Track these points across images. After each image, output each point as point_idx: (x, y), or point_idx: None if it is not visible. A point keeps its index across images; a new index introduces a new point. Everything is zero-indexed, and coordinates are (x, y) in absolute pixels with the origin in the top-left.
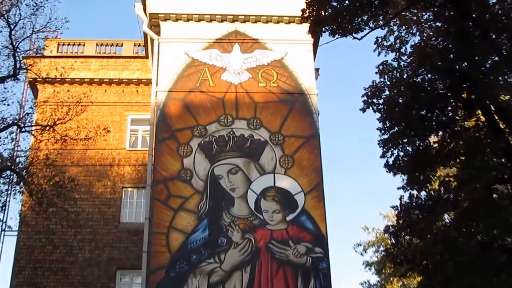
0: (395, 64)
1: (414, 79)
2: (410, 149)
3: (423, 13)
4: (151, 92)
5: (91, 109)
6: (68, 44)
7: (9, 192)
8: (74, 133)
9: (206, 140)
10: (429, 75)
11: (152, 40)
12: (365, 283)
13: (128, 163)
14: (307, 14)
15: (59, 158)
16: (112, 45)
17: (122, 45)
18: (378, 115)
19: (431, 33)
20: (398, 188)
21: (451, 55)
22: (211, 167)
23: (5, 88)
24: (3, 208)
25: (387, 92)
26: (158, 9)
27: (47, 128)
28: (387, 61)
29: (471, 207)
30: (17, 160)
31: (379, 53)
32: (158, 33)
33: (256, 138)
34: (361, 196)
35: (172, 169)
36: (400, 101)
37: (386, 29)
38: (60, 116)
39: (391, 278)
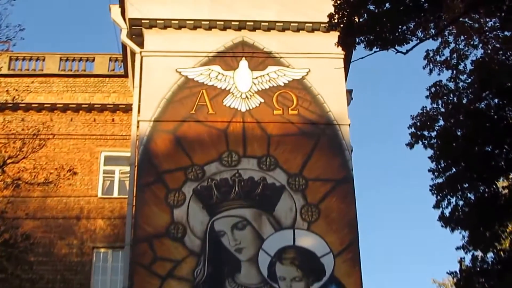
0: (451, 85)
1: (477, 105)
2: (473, 197)
3: (487, 20)
4: (131, 122)
5: (52, 144)
6: (23, 59)
7: None
8: (30, 176)
9: (204, 185)
10: (496, 100)
11: (133, 53)
12: None
13: (100, 215)
14: (336, 20)
15: (10, 209)
16: (80, 60)
17: (93, 60)
18: (430, 151)
19: (497, 45)
20: (457, 248)
21: None
22: (210, 221)
23: None
24: None
25: (441, 122)
26: (140, 13)
27: None
28: (440, 81)
29: None
30: None
31: (431, 71)
32: (140, 44)
33: (269, 182)
34: (408, 259)
35: (159, 223)
36: (459, 133)
37: (439, 39)
38: (12, 154)
39: None
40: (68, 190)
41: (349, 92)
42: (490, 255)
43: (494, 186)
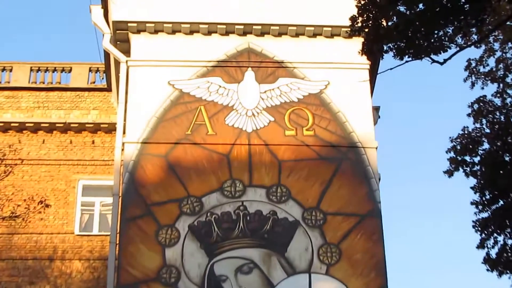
0: (497, 101)
1: None
2: None
3: None
4: (114, 145)
5: (20, 171)
6: None
7: None
8: None
9: (202, 220)
10: None
11: (117, 63)
12: None
13: (78, 256)
14: (360, 24)
15: None
16: (55, 70)
17: (70, 71)
18: (472, 180)
19: None
20: None
21: None
22: (209, 263)
23: None
24: None
25: (486, 146)
26: (127, 15)
27: None
28: (485, 96)
29: None
30: None
31: (473, 84)
32: (126, 52)
33: (281, 216)
34: None
35: (147, 265)
36: (507, 159)
37: (483, 47)
38: None
39: None
40: (39, 225)
41: (376, 109)
42: None
43: None
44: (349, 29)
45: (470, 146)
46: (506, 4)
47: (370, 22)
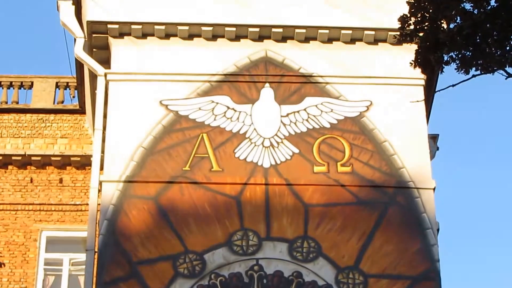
0: None
1: None
2: None
3: None
4: (89, 184)
5: None
6: None
7: None
8: None
9: (204, 283)
10: None
11: (93, 76)
12: None
13: None
14: (413, 25)
15: None
16: (11, 86)
17: (31, 87)
18: None
19: None
20: None
21: None
22: None
23: None
24: None
25: None
26: (106, 14)
27: None
28: None
29: None
30: None
31: None
32: (105, 62)
33: (308, 280)
34: None
35: None
36: None
37: None
38: None
39: None
40: None
41: (433, 138)
42: None
43: None
44: (398, 32)
45: None
46: None
47: (426, 23)
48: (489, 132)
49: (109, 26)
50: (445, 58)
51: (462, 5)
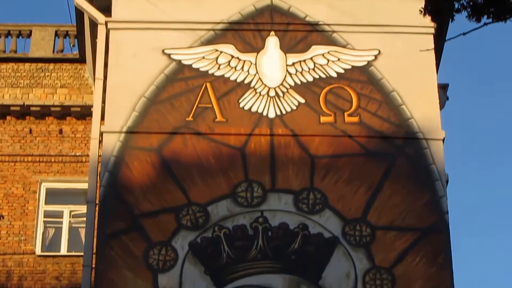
0: None
1: None
2: None
3: None
4: (89, 135)
5: None
6: None
7: None
8: None
9: (208, 236)
10: None
11: (94, 24)
12: None
13: (40, 284)
14: None
15: None
16: (8, 35)
17: (29, 35)
18: None
19: None
20: None
21: None
22: None
23: None
24: None
25: None
26: None
27: None
28: None
29: None
30: None
31: None
32: (106, 10)
33: (313, 232)
34: None
35: None
36: None
37: None
38: None
39: None
40: None
41: (443, 87)
42: None
43: None
44: None
45: None
46: None
47: None
48: (500, 81)
49: None
50: (456, 5)
51: None
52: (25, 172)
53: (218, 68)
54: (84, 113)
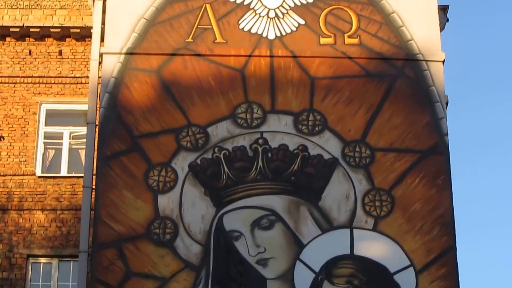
0: None
1: None
2: None
3: None
4: (89, 56)
5: None
6: None
7: None
8: None
9: (207, 157)
10: None
11: None
12: None
13: (40, 205)
14: None
15: None
16: None
17: None
18: None
19: None
20: None
21: None
22: (217, 215)
23: None
24: None
25: None
26: None
27: None
28: None
29: None
30: None
31: None
32: None
33: (313, 153)
34: None
35: (134, 218)
36: None
37: None
38: None
39: None
40: None
41: (443, 9)
42: None
43: None
44: None
45: None
46: None
47: None
48: (500, 4)
49: None
50: None
51: None
52: (25, 94)
53: None
54: (84, 34)
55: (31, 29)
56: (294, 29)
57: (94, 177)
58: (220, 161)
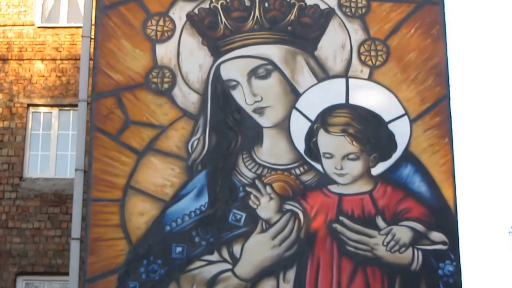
0: None
1: None
2: None
3: None
4: None
5: None
6: None
7: None
8: None
9: (205, 7)
10: None
11: None
12: None
13: (40, 55)
14: None
15: None
16: None
17: None
18: None
19: None
20: None
21: None
22: (214, 64)
23: None
24: None
25: None
26: None
27: None
28: None
29: None
30: None
31: None
32: None
33: (310, 3)
34: None
35: (132, 67)
36: None
37: None
38: None
39: None
40: None
41: None
42: None
43: None
44: None
45: None
46: None
47: None
48: None
49: None
50: None
51: None
52: None
53: None
54: None
55: None
56: None
57: (93, 27)
58: (217, 11)
